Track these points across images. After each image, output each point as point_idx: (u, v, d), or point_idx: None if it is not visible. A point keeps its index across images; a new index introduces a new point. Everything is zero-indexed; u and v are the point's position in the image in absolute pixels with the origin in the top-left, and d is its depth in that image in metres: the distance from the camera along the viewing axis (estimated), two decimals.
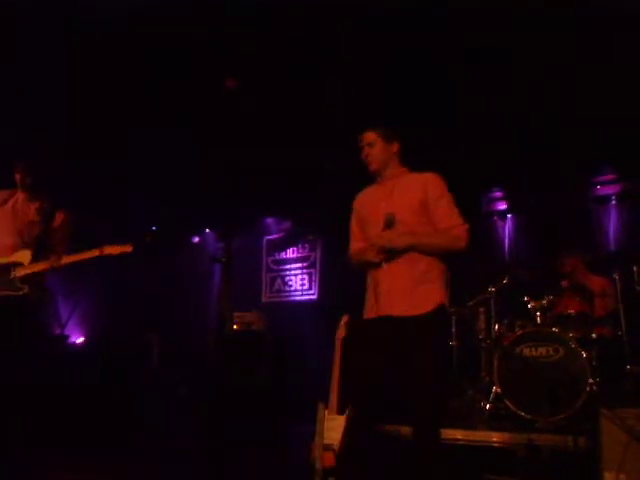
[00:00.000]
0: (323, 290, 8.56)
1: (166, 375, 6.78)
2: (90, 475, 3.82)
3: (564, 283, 5.32)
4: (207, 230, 9.70)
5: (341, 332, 4.06)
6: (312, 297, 8.69)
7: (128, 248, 3.69)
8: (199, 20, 4.86)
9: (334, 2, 4.60)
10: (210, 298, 8.97)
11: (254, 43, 5.03)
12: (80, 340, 8.38)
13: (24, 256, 3.71)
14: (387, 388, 2.87)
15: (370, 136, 3.05)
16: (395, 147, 3.08)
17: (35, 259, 3.70)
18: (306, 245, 8.96)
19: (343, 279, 7.96)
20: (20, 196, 3.85)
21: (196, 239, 9.87)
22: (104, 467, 4.02)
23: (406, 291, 2.84)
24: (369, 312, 3.02)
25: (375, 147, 3.03)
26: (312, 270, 8.80)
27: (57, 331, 7.60)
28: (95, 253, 3.69)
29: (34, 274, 3.69)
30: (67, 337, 7.57)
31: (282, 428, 4.79)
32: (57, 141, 6.15)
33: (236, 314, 6.39)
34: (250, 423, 4.59)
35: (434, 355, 2.76)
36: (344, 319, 4.11)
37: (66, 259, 3.68)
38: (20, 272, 3.65)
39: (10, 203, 3.82)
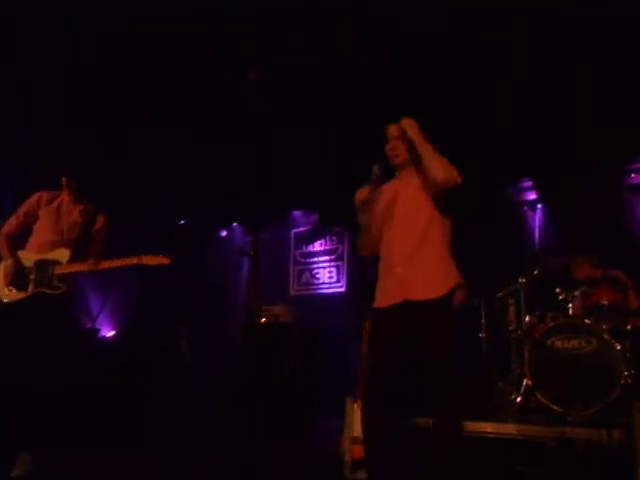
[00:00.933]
0: (351, 283, 8.54)
1: (195, 368, 6.85)
2: (122, 466, 3.87)
3: (597, 273, 5.22)
4: (235, 224, 9.74)
5: (369, 324, 4.03)
6: (340, 290, 8.68)
7: (166, 260, 3.73)
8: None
9: None
10: (238, 291, 9.02)
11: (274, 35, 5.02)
12: (111, 334, 8.50)
13: (63, 254, 3.78)
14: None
15: (398, 129, 3.01)
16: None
17: (73, 259, 3.77)
18: (334, 238, 8.95)
19: (371, 271, 7.96)
20: (66, 198, 3.97)
21: (224, 233, 9.93)
22: (134, 461, 4.07)
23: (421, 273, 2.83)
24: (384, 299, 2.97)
25: (404, 142, 3.00)
26: (340, 263, 8.79)
27: (88, 325, 7.71)
28: (133, 261, 3.74)
29: (70, 273, 3.75)
30: (98, 331, 7.67)
31: (310, 421, 4.80)
32: (87, 137, 6.24)
33: (264, 307, 6.41)
34: (278, 416, 4.61)
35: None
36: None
37: (104, 264, 3.74)
38: (59, 270, 3.72)
39: (55, 203, 3.93)
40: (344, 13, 4.75)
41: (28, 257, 3.79)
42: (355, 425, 3.76)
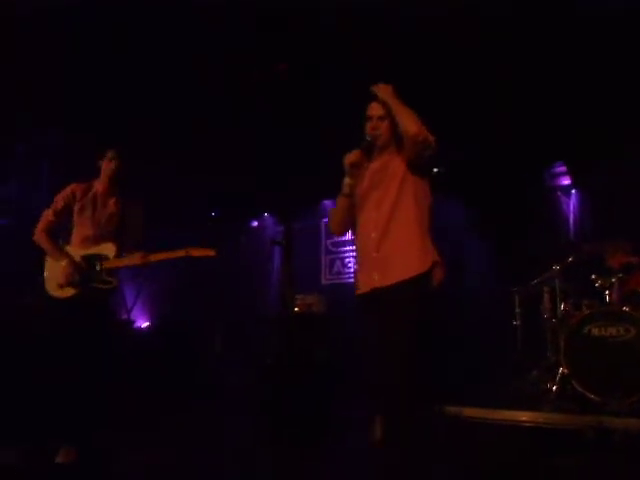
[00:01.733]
0: None
1: (228, 359, 6.92)
2: (159, 452, 3.95)
3: (632, 260, 5.11)
4: (266, 214, 9.78)
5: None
6: None
7: (211, 252, 3.74)
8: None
9: None
10: (271, 281, 9.08)
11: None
12: (145, 324, 8.63)
13: (109, 249, 3.73)
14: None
15: (383, 109, 2.87)
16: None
17: (120, 252, 3.74)
18: None
19: None
20: (99, 188, 3.85)
21: (255, 223, 9.98)
22: (172, 448, 4.15)
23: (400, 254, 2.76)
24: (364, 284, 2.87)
25: (385, 122, 2.87)
26: None
27: (124, 316, 7.84)
28: (181, 253, 3.74)
29: (121, 267, 3.75)
30: (133, 322, 7.80)
31: (342, 410, 4.81)
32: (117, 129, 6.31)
33: (297, 297, 6.43)
34: (310, 405, 4.63)
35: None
36: None
37: (154, 257, 3.73)
38: (108, 265, 3.69)
39: (90, 195, 3.81)
40: None
41: (75, 253, 3.73)
42: None
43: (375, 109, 2.89)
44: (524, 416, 4.05)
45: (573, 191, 7.20)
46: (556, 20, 4.94)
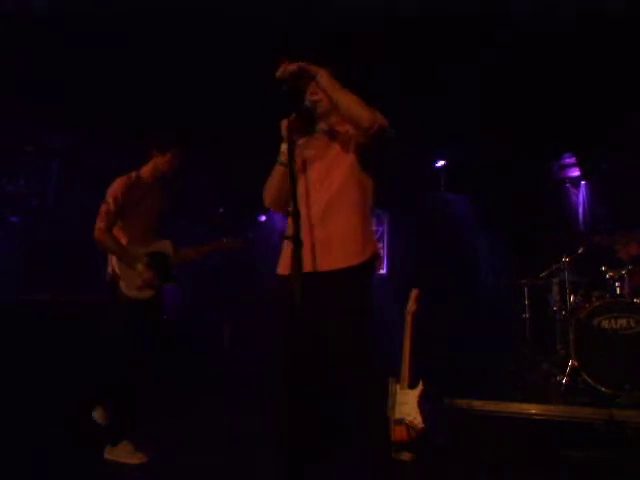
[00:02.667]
0: (391, 264, 8.52)
1: (237, 353, 6.93)
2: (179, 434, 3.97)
3: (633, 257, 5.08)
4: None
5: (412, 306, 4.02)
6: (381, 272, 8.66)
7: (244, 244, 3.74)
8: None
9: None
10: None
11: None
12: None
13: (167, 246, 3.69)
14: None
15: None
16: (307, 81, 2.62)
17: (175, 248, 3.71)
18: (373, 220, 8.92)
19: (411, 253, 7.93)
20: (150, 181, 3.70)
21: (263, 218, 9.99)
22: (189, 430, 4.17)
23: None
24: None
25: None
26: (380, 245, 8.76)
27: None
28: (220, 245, 3.80)
29: (182, 264, 3.73)
30: None
31: (351, 403, 4.82)
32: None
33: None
34: (320, 397, 4.63)
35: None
36: (414, 293, 4.07)
37: (203, 250, 3.77)
38: (174, 262, 3.65)
39: (143, 189, 3.64)
40: None
41: (137, 251, 3.55)
42: (398, 407, 3.77)
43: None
44: (534, 409, 4.03)
45: (582, 182, 7.16)
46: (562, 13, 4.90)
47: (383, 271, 8.62)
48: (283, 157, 2.60)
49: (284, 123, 2.56)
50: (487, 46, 5.40)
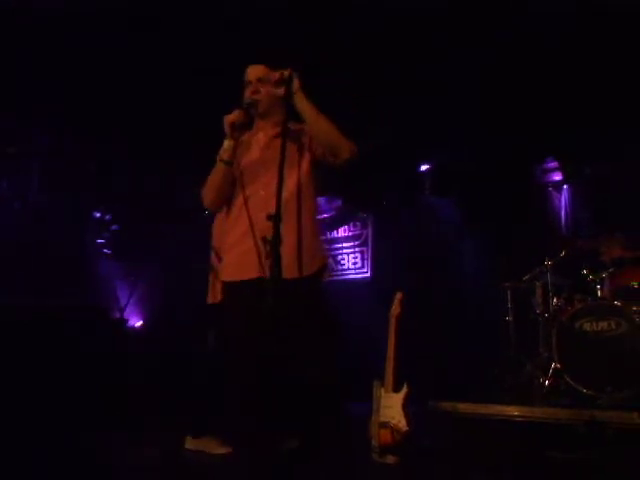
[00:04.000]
0: (376, 268, 8.53)
1: (222, 355, 6.87)
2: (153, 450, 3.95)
3: (627, 254, 5.13)
4: None
5: (396, 309, 4.04)
6: (365, 275, 8.67)
7: None
8: None
9: None
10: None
11: None
12: (139, 324, 8.60)
13: None
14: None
15: (263, 71, 2.60)
16: (283, 92, 2.54)
17: None
18: (357, 223, 8.93)
19: (396, 256, 7.95)
20: None
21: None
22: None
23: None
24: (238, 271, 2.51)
25: (268, 85, 2.56)
26: (364, 248, 8.77)
27: (117, 315, 7.81)
28: None
29: None
30: (126, 321, 7.76)
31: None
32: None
33: None
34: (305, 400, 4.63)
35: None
36: (398, 296, 4.08)
37: None
38: None
39: None
40: None
41: None
42: (382, 410, 3.78)
43: (254, 72, 2.61)
44: (517, 411, 4.06)
45: (565, 187, 7.23)
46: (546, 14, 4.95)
47: (367, 274, 8.64)
48: (225, 155, 2.51)
49: (228, 119, 2.48)
50: (472, 50, 5.44)
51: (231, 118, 2.48)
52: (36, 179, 7.04)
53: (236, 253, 2.52)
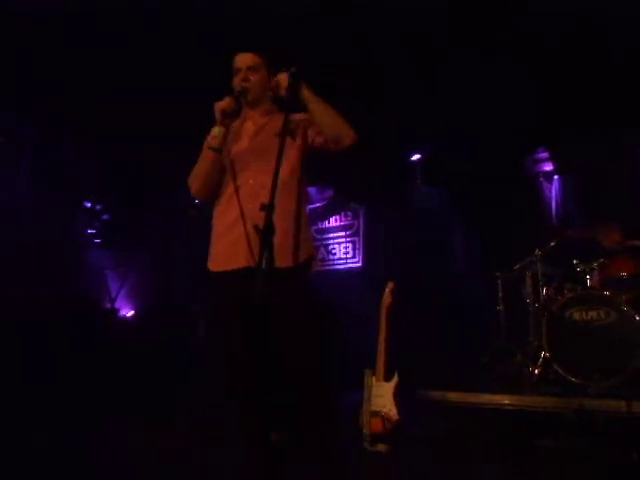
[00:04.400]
0: (367, 258, 8.55)
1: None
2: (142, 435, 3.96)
3: (623, 241, 5.15)
4: None
5: (387, 299, 4.05)
6: (357, 265, 8.69)
7: None
8: None
9: None
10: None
11: None
12: (130, 313, 8.59)
13: None
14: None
15: (253, 59, 2.58)
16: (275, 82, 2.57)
17: None
18: (349, 213, 8.94)
19: (387, 246, 7.96)
20: None
21: None
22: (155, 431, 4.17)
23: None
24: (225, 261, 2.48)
25: (258, 73, 2.56)
26: (355, 238, 8.79)
27: (107, 305, 7.81)
28: None
29: None
30: (117, 311, 7.76)
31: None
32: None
33: None
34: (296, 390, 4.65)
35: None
36: (389, 286, 4.10)
37: None
38: None
39: None
40: None
41: None
42: (374, 399, 3.80)
43: (245, 59, 2.58)
44: (506, 399, 4.09)
45: (555, 177, 7.25)
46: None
47: (359, 264, 8.66)
48: (215, 142, 2.47)
49: (220, 105, 2.47)
50: (463, 40, 5.43)
51: (222, 105, 2.46)
52: (25, 169, 7.00)
53: (225, 243, 2.49)
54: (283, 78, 2.45)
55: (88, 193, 8.14)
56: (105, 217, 8.45)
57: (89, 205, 8.25)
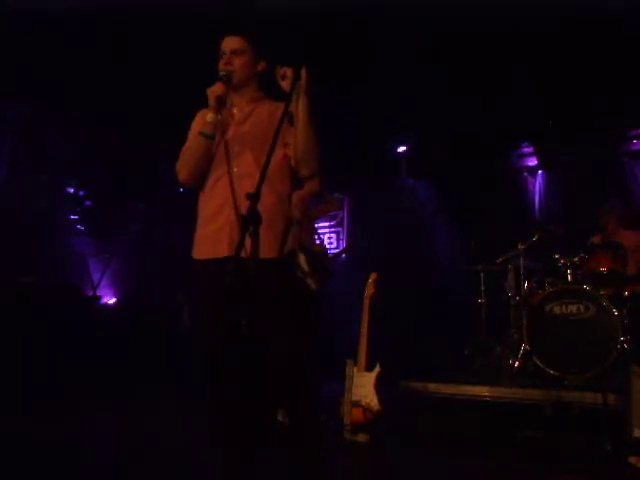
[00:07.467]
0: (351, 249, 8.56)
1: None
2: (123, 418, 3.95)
3: (596, 240, 5.22)
4: None
5: (369, 290, 4.07)
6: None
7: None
8: None
9: None
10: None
11: None
12: (112, 301, 8.54)
13: None
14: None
15: (239, 42, 2.50)
16: (261, 66, 2.54)
17: None
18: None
19: (371, 237, 7.98)
20: None
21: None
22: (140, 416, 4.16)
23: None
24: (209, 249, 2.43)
25: (242, 57, 2.49)
26: (339, 229, 8.79)
27: (90, 292, 7.74)
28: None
29: None
30: (99, 298, 7.70)
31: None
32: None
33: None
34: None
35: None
36: (372, 277, 4.12)
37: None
38: None
39: None
40: None
41: None
42: (355, 389, 3.82)
43: (230, 43, 2.51)
44: (486, 391, 4.14)
45: (539, 172, 7.31)
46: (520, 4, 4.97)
47: (342, 255, 8.66)
48: (208, 128, 2.42)
49: (214, 91, 2.41)
50: (448, 34, 5.44)
51: (216, 91, 2.41)
52: (7, 152, 6.90)
53: (210, 230, 2.43)
54: (290, 70, 2.38)
55: (71, 178, 8.05)
56: (88, 203, 8.37)
57: (72, 191, 8.16)
